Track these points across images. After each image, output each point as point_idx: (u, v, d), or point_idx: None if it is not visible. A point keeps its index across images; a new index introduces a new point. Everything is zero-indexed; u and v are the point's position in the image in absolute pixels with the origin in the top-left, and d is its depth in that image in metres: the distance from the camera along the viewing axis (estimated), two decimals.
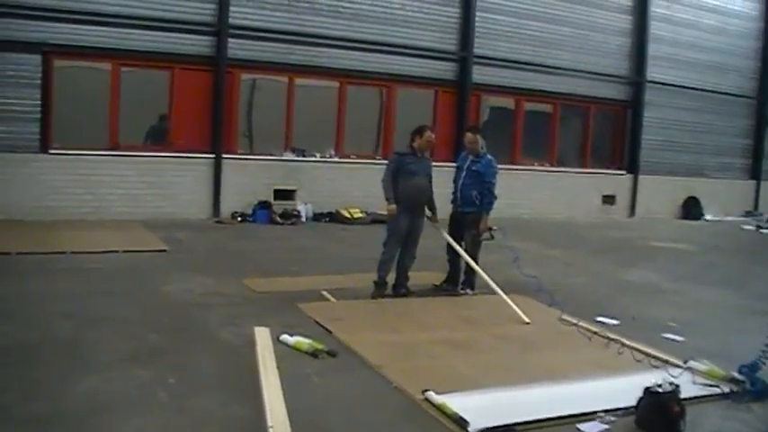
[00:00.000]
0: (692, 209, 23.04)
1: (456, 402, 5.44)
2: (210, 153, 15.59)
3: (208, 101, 15.56)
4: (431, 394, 5.60)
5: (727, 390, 6.27)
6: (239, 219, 15.45)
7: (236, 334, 7.18)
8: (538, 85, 19.76)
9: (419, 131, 9.33)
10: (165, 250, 11.59)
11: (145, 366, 6.08)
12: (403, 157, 9.30)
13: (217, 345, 6.91)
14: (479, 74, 18.57)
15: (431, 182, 9.44)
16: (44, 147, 14.13)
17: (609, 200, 21.65)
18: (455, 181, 9.88)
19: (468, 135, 9.96)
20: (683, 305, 10.03)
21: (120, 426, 4.89)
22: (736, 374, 6.43)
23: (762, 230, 21.07)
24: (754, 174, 25.11)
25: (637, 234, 17.95)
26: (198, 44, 15.36)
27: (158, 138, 15.63)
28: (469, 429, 5.08)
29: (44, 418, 4.97)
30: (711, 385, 6.36)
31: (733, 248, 16.95)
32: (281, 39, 16.12)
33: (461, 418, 5.19)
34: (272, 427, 4.80)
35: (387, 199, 9.17)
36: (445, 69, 18.39)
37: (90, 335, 6.93)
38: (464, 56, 18.38)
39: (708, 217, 22.99)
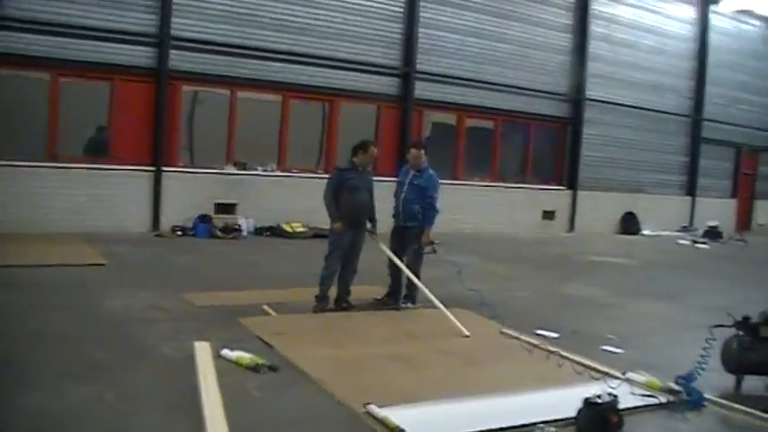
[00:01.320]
0: (629, 224, 23.44)
1: (398, 415, 5.44)
2: (151, 166, 15.39)
3: (149, 113, 15.37)
4: (373, 408, 5.60)
5: (664, 400, 6.40)
6: (179, 232, 15.27)
7: (177, 349, 7.09)
8: (479, 102, 19.93)
9: (363, 147, 9.35)
10: (103, 264, 11.38)
11: (85, 383, 5.97)
12: (344, 172, 9.31)
13: (157, 360, 6.82)
14: (422, 89, 18.69)
15: (372, 196, 9.47)
16: None
17: (549, 215, 21.91)
18: (396, 195, 9.88)
19: (413, 151, 9.98)
20: (621, 318, 10.20)
21: None
22: (673, 385, 6.56)
23: (697, 245, 21.53)
24: (690, 190, 25.71)
25: (576, 249, 18.19)
26: (139, 55, 15.18)
27: (98, 150, 15.37)
28: None
29: None
30: (649, 396, 6.48)
31: (670, 263, 17.26)
32: (223, 51, 16.03)
33: (403, 430, 5.20)
34: None
35: (331, 216, 9.16)
36: (388, 84, 18.47)
37: (29, 351, 6.78)
38: (407, 71, 18.48)
39: (645, 232, 23.40)
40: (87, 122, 15.46)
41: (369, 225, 9.50)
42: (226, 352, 6.84)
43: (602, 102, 22.26)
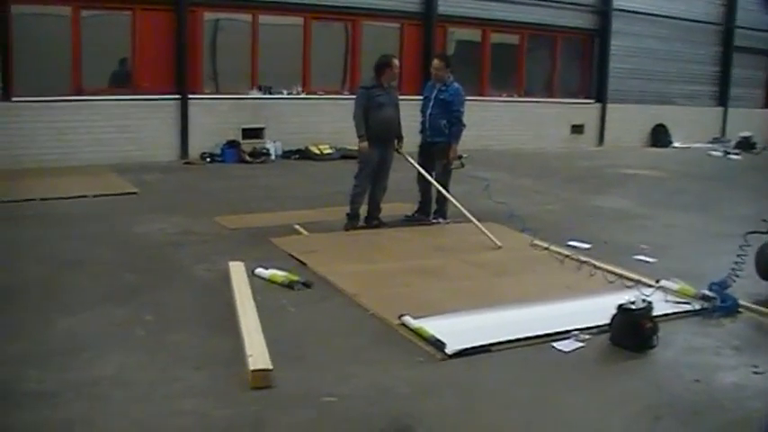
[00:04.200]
0: (660, 136, 23.12)
1: (432, 326, 5.52)
2: (176, 94, 15.30)
3: (171, 41, 15.21)
4: (407, 319, 5.66)
5: (698, 307, 6.41)
6: (208, 159, 15.28)
7: (211, 270, 7.20)
8: (504, 16, 19.50)
9: (388, 63, 9.24)
10: (135, 193, 11.45)
11: (122, 305, 6.08)
12: (370, 90, 9.22)
13: (192, 281, 6.92)
14: (445, 5, 18.31)
15: (398, 112, 9.41)
16: (6, 95, 13.75)
17: (577, 129, 21.63)
18: (423, 111, 9.82)
19: (435, 61, 9.88)
20: (654, 229, 10.16)
21: (101, 362, 4.91)
22: (706, 292, 6.56)
23: (729, 156, 21.27)
24: (722, 101, 25.16)
25: (606, 162, 18.02)
26: None
27: (123, 81, 15.32)
28: (446, 351, 5.15)
29: (28, 358, 4.97)
30: (683, 303, 6.49)
31: (701, 174, 17.08)
32: None
33: (438, 340, 5.26)
34: (251, 355, 4.83)
35: (359, 136, 9.11)
36: (410, 1, 18.09)
37: (66, 278, 6.89)
38: None
39: (676, 144, 23.09)
40: (111, 54, 15.36)
41: (395, 142, 9.47)
42: (260, 270, 6.92)
43: (630, 12, 21.67)
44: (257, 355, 4.83)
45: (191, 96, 15.43)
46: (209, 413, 4.27)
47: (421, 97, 10.08)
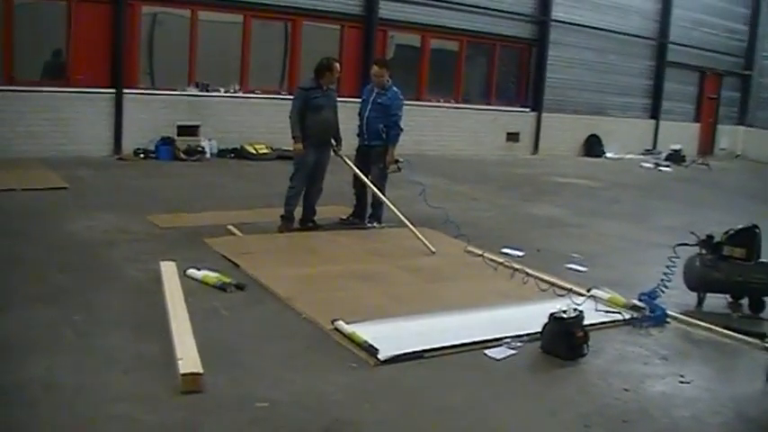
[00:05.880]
0: (593, 146, 23.49)
1: (365, 331, 5.51)
2: (111, 88, 15.03)
3: (107, 34, 14.94)
4: (340, 324, 5.64)
5: (628, 316, 6.53)
6: (142, 155, 15.02)
7: (142, 270, 7.07)
8: (444, 22, 19.60)
9: (329, 67, 9.21)
10: (65, 188, 11.19)
11: (50, 306, 5.93)
12: (308, 91, 9.18)
13: (123, 281, 6.78)
14: (386, 9, 18.34)
15: (336, 114, 9.39)
16: None
17: (513, 137, 21.83)
18: (360, 114, 9.79)
19: (375, 68, 9.86)
20: (586, 238, 10.32)
21: (28, 366, 4.77)
22: (636, 302, 6.69)
23: (660, 168, 21.70)
24: (654, 113, 25.74)
25: (541, 171, 18.26)
26: None
27: (56, 73, 15.01)
28: (379, 356, 5.14)
29: None
30: (613, 312, 6.60)
31: (633, 185, 17.41)
32: None
33: (371, 345, 5.25)
34: (181, 359, 4.75)
35: (293, 137, 9.08)
36: (351, 4, 18.08)
37: None
38: None
39: (609, 155, 23.48)
40: (45, 45, 15.04)
41: (334, 144, 9.43)
42: (192, 271, 6.83)
43: (568, 23, 22.02)
44: (188, 358, 4.76)
45: (126, 91, 15.15)
46: (139, 418, 4.19)
47: (359, 99, 10.07)
